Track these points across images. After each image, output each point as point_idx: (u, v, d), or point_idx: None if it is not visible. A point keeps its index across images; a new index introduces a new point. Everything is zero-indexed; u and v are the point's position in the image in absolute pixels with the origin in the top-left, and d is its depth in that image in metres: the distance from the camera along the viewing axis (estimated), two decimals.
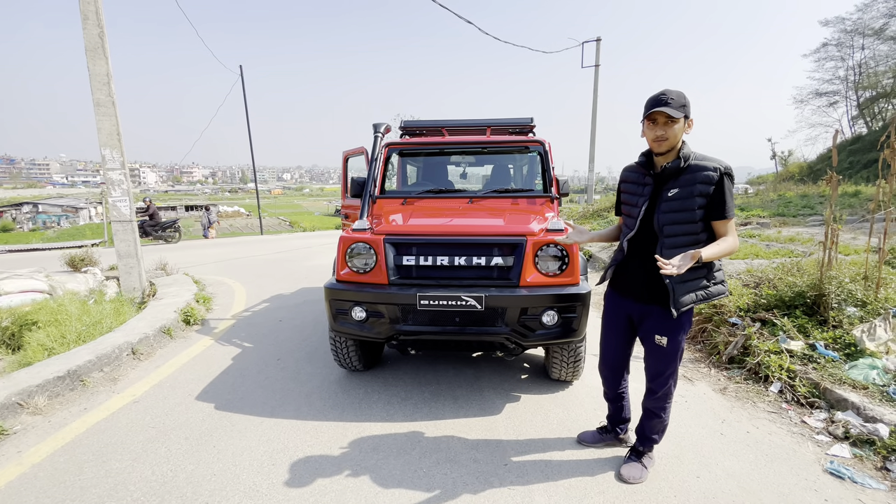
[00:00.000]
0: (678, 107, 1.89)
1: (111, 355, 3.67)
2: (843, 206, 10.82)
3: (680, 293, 2.00)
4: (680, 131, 1.94)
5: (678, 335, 2.10)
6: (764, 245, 7.29)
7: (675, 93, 1.91)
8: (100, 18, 5.21)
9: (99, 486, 2.22)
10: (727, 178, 1.94)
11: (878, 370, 2.97)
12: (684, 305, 2.01)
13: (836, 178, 3.59)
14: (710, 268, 2.06)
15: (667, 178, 2.03)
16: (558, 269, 2.83)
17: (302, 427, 2.79)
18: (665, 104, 1.89)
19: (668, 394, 2.22)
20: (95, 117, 5.30)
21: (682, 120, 1.92)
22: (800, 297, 3.76)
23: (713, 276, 2.07)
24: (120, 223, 5.58)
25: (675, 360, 2.15)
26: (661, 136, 1.94)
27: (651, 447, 2.36)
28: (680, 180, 1.99)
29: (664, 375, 2.17)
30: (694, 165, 1.97)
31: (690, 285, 2.02)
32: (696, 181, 1.95)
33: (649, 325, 2.15)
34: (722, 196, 1.93)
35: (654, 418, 2.27)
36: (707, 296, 2.06)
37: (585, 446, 2.57)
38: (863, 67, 28.02)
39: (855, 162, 22.35)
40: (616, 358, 2.40)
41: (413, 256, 2.87)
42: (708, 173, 1.94)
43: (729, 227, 1.98)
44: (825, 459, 2.42)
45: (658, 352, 2.14)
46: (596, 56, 17.50)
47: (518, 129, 4.59)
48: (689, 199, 1.96)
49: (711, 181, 1.93)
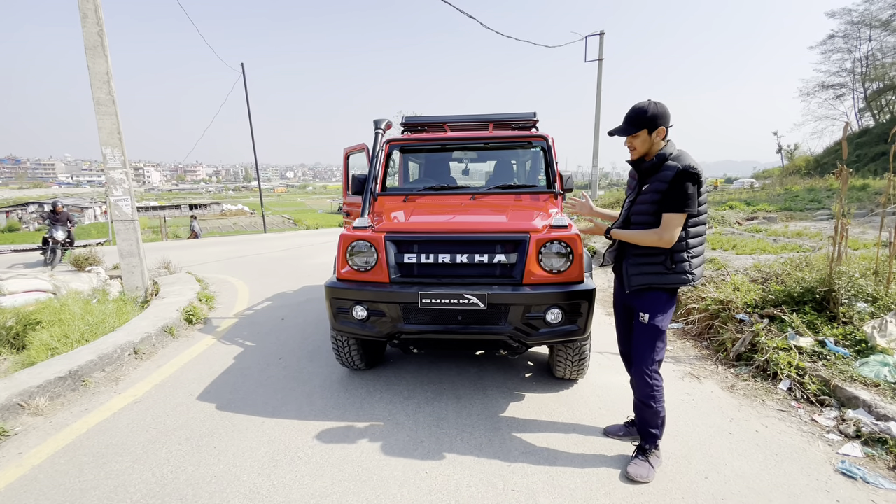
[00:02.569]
0: (635, 125, 2.13)
1: (113, 355, 3.66)
2: (851, 200, 10.70)
3: (631, 273, 2.25)
4: (646, 142, 2.16)
5: (656, 315, 2.22)
6: (771, 240, 7.20)
7: (638, 108, 2.13)
8: (99, 17, 5.18)
9: (99, 488, 2.20)
10: (683, 174, 2.05)
11: (889, 367, 2.91)
12: (636, 285, 2.23)
13: (847, 171, 3.51)
14: (671, 258, 2.17)
15: (644, 175, 2.24)
16: (562, 266, 2.78)
17: (303, 427, 2.76)
18: (625, 123, 2.17)
19: (652, 380, 2.25)
20: (96, 116, 5.28)
21: (643, 133, 2.14)
22: (809, 293, 3.70)
23: (672, 266, 2.17)
24: (122, 222, 5.57)
25: (653, 340, 2.24)
26: (630, 146, 2.23)
27: (654, 443, 2.34)
28: (652, 178, 2.18)
29: (643, 356, 2.25)
30: (666, 165, 2.12)
31: (643, 268, 2.22)
32: (658, 178, 2.13)
33: (634, 305, 2.32)
34: (671, 190, 2.08)
35: (646, 409, 2.30)
36: (662, 281, 2.19)
37: (612, 439, 2.60)
38: (870, 59, 27.68)
39: (862, 155, 22.10)
40: (623, 340, 2.54)
41: (414, 254, 2.83)
42: (667, 172, 2.09)
43: (667, 220, 2.09)
44: (836, 459, 2.37)
45: (640, 328, 2.27)
46: (599, 50, 17.33)
47: (521, 124, 4.53)
48: (652, 194, 2.15)
49: (667, 179, 2.09)
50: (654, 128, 2.12)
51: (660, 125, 2.12)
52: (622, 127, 2.18)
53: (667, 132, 2.15)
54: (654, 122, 2.11)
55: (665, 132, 2.14)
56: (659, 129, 2.12)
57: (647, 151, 2.19)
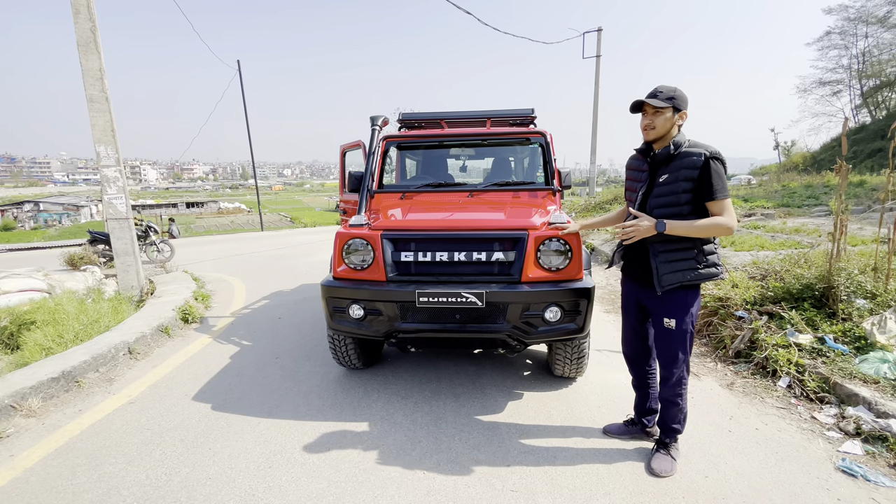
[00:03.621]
0: (665, 98, 2.03)
1: (107, 355, 3.62)
2: (848, 196, 10.69)
3: (663, 272, 2.10)
4: (668, 121, 2.05)
5: (685, 317, 2.14)
6: (769, 236, 7.19)
7: (666, 87, 2.06)
8: (91, 12, 5.12)
9: (91, 491, 2.17)
10: (713, 161, 1.98)
11: (889, 364, 2.90)
12: (669, 284, 2.09)
13: (847, 167, 3.49)
14: (701, 250, 2.09)
15: (659, 164, 2.13)
16: (561, 264, 2.75)
17: (300, 428, 2.73)
18: (653, 96, 2.05)
19: (682, 380, 2.23)
20: (89, 113, 5.22)
21: (669, 111, 2.04)
22: (808, 290, 3.68)
23: (704, 258, 2.10)
24: (116, 221, 5.52)
25: (684, 344, 2.17)
26: (649, 124, 2.08)
27: (675, 438, 2.35)
28: (670, 166, 2.08)
29: (675, 360, 2.20)
30: (683, 152, 2.05)
31: (676, 265, 2.08)
32: (682, 167, 2.03)
33: (657, 308, 2.21)
34: (708, 178, 1.98)
35: (672, 407, 2.29)
36: (696, 277, 2.09)
37: (612, 438, 2.56)
38: (866, 56, 27.67)
39: (859, 151, 22.11)
40: (634, 343, 2.46)
41: (412, 252, 2.80)
42: (693, 158, 2.01)
43: (722, 208, 2.00)
44: (837, 457, 2.35)
45: (668, 335, 2.18)
46: (597, 46, 17.29)
47: (519, 121, 4.50)
48: (675, 184, 2.05)
49: (696, 165, 2.00)
50: (678, 109, 2.04)
51: (683, 108, 2.05)
52: (652, 94, 2.05)
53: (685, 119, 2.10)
54: (680, 103, 2.04)
55: (685, 117, 2.08)
56: (682, 112, 2.06)
57: (664, 134, 2.08)
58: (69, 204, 35.74)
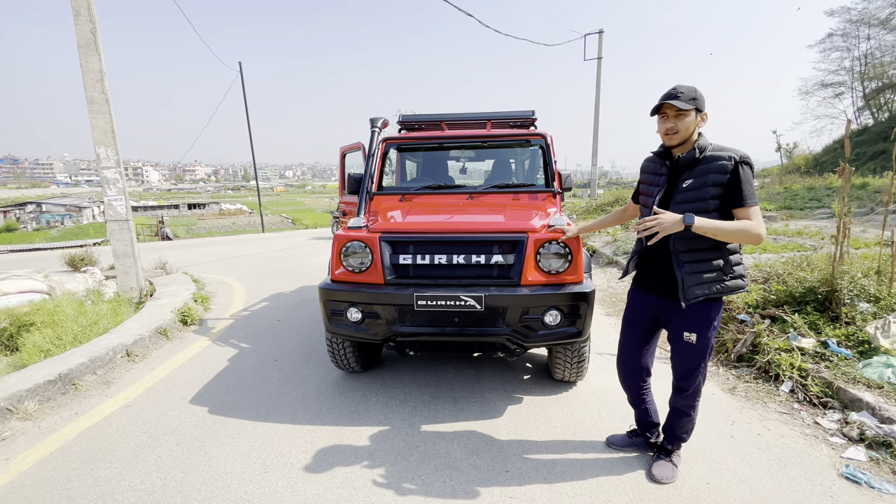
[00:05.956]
0: (687, 100, 1.90)
1: (105, 357, 3.60)
2: (851, 199, 10.64)
3: (689, 283, 1.96)
4: (692, 124, 1.93)
5: (707, 331, 2.04)
6: (771, 239, 7.15)
7: (686, 87, 1.92)
8: (92, 14, 5.11)
9: (86, 496, 2.15)
10: (743, 166, 1.88)
11: (893, 368, 2.86)
12: (694, 297, 1.96)
13: (850, 169, 3.46)
14: (728, 261, 1.98)
15: (682, 168, 2.00)
16: (561, 267, 2.72)
17: (297, 432, 2.70)
18: (674, 97, 1.91)
19: (698, 391, 2.18)
20: (89, 115, 5.21)
21: (692, 112, 1.91)
22: (810, 293, 3.65)
23: (731, 270, 1.99)
24: (116, 222, 5.51)
25: (704, 357, 2.09)
26: (671, 128, 1.94)
27: (679, 445, 2.32)
28: (695, 171, 1.96)
29: (694, 373, 2.12)
30: (709, 156, 1.93)
31: (702, 277, 1.95)
32: (709, 171, 1.91)
33: (676, 321, 2.09)
34: (738, 184, 1.87)
35: (683, 417, 2.23)
36: (722, 290, 1.98)
37: (615, 449, 2.49)
38: (869, 58, 27.61)
39: (861, 153, 22.03)
40: (634, 358, 2.35)
41: (410, 255, 2.78)
42: (722, 163, 1.89)
43: (751, 215, 1.87)
44: (840, 463, 2.32)
45: (687, 349, 2.09)
46: (598, 48, 17.29)
47: (519, 123, 4.48)
48: (702, 189, 1.92)
49: (726, 170, 1.88)
50: (699, 110, 1.94)
51: (704, 109, 1.95)
52: (672, 95, 1.90)
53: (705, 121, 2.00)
54: (702, 104, 1.93)
55: (706, 119, 1.98)
56: (703, 113, 1.95)
57: (688, 137, 1.95)
58: (71, 205, 35.83)
